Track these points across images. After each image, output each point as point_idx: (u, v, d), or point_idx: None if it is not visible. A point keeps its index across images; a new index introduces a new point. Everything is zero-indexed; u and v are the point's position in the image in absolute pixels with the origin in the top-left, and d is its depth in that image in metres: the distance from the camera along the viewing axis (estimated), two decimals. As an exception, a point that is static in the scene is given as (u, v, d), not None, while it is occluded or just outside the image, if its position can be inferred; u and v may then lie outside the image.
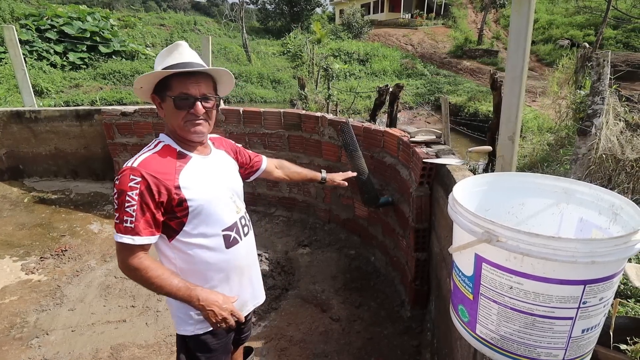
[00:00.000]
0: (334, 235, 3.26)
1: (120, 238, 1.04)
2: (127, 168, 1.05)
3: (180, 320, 1.21)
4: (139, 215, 1.04)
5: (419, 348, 2.09)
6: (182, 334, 1.22)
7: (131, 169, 1.05)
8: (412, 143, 2.25)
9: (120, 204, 1.03)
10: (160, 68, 1.10)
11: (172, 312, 1.23)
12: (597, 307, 0.73)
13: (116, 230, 1.04)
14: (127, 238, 1.03)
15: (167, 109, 1.12)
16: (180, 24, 22.10)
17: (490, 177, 1.06)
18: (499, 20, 23.28)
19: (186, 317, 1.19)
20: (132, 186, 1.03)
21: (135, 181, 1.04)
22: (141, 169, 1.05)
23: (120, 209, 1.03)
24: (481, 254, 0.79)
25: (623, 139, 3.56)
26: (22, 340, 2.15)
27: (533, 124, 7.06)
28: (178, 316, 1.21)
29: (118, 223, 1.04)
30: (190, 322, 1.20)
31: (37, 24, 14.38)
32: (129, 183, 1.03)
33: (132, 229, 1.03)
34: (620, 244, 0.67)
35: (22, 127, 3.96)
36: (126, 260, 1.05)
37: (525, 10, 1.61)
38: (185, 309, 1.18)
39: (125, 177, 1.04)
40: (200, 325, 1.20)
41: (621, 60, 13.66)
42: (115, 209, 1.05)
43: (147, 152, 1.11)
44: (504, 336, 0.79)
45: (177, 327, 1.23)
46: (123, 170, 1.05)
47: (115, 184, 1.05)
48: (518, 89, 1.69)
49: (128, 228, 1.03)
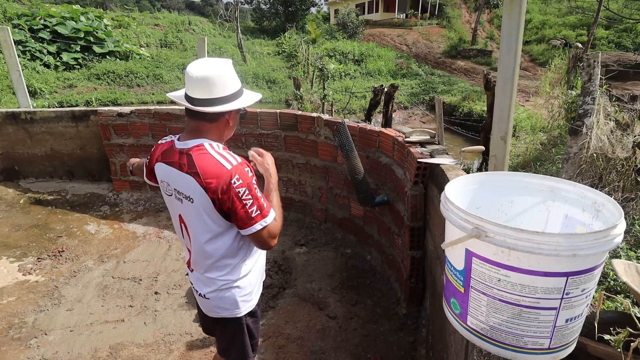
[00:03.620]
0: (330, 234, 3.30)
1: (269, 218, 1.16)
2: (239, 165, 1.13)
3: (243, 302, 1.29)
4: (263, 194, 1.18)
5: (415, 344, 2.13)
6: (244, 313, 1.31)
7: (242, 164, 1.14)
8: (407, 143, 2.29)
9: (254, 196, 1.12)
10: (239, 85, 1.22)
11: (232, 300, 1.28)
12: (579, 297, 0.77)
13: (262, 217, 1.14)
14: (270, 216, 1.16)
15: (234, 118, 1.24)
16: (175, 23, 21.98)
17: (481, 176, 1.10)
18: (493, 20, 23.48)
19: (248, 295, 1.30)
20: (252, 175, 1.15)
21: (250, 172, 1.15)
22: (245, 162, 1.16)
23: (256, 198, 1.13)
24: (471, 249, 0.83)
25: (613, 138, 3.63)
26: (21, 341, 2.15)
27: (526, 123, 7.15)
28: (240, 300, 1.28)
29: (261, 210, 1.13)
30: (250, 299, 1.32)
31: (30, 24, 14.23)
32: (249, 174, 1.14)
33: (268, 206, 1.17)
34: (600, 238, 0.71)
35: (18, 128, 3.94)
36: (276, 233, 1.19)
37: (516, 13, 1.66)
38: (246, 289, 1.29)
39: (244, 172, 1.12)
40: (256, 297, 1.35)
41: (613, 60, 13.85)
42: (250, 204, 1.12)
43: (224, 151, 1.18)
44: (493, 326, 0.83)
45: (240, 311, 1.30)
46: (237, 170, 1.11)
47: (239, 184, 1.10)
48: (510, 89, 1.74)
49: (268, 208, 1.17)
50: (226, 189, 1.09)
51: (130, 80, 14.66)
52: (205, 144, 1.15)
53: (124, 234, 3.35)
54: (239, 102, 1.19)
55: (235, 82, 1.19)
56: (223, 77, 1.15)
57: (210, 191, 1.10)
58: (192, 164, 1.12)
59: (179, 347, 2.13)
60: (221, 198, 1.10)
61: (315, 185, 3.37)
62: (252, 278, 1.32)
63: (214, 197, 1.10)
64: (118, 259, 2.97)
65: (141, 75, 14.99)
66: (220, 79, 1.14)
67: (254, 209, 1.11)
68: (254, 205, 1.11)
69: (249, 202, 1.11)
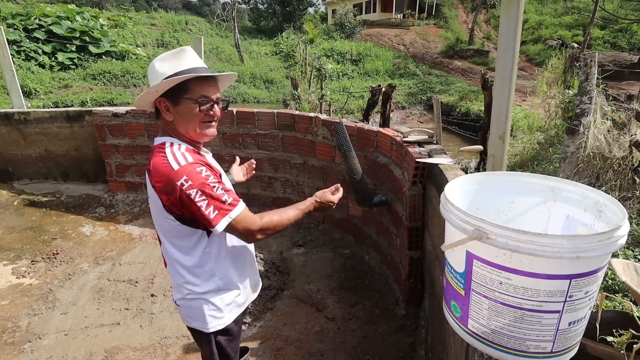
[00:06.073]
0: (329, 234, 3.28)
1: (234, 213, 1.05)
2: (186, 166, 1.04)
3: (211, 318, 1.22)
4: (226, 190, 1.07)
5: (414, 345, 2.12)
6: (213, 330, 1.23)
7: (191, 164, 1.05)
8: (405, 143, 2.27)
9: (209, 195, 1.02)
10: (172, 72, 1.08)
11: (200, 314, 1.21)
12: (582, 300, 0.76)
13: (223, 215, 1.04)
14: (238, 208, 1.07)
15: (181, 111, 1.10)
16: (172, 23, 21.89)
17: (480, 176, 1.09)
18: (490, 20, 23.56)
19: (218, 312, 1.22)
20: (206, 174, 1.05)
21: (204, 170, 1.06)
22: (198, 162, 1.07)
23: (212, 197, 1.03)
24: (472, 251, 0.81)
25: (610, 137, 3.64)
26: (15, 345, 2.12)
27: (523, 123, 7.17)
28: (209, 315, 1.21)
29: (221, 207, 1.04)
30: (220, 316, 1.22)
31: (25, 23, 14.11)
32: (202, 175, 1.04)
33: (234, 200, 1.07)
34: (603, 240, 0.70)
35: (11, 129, 3.90)
36: (253, 226, 1.09)
37: (514, 12, 1.65)
38: (218, 304, 1.21)
39: (194, 172, 1.03)
40: (229, 316, 1.25)
41: (609, 60, 13.93)
42: (206, 205, 1.02)
43: (179, 150, 1.09)
44: (495, 330, 0.81)
45: (208, 326, 1.22)
46: (184, 171, 1.03)
47: (189, 186, 1.01)
48: (508, 89, 1.73)
49: (232, 202, 1.06)
50: (172, 190, 1.03)
51: (127, 81, 14.56)
52: (167, 142, 1.11)
53: (120, 236, 3.32)
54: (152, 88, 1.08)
55: (160, 71, 1.08)
56: (151, 69, 1.12)
57: (157, 190, 1.07)
58: (149, 162, 1.10)
59: (175, 351, 2.10)
60: (169, 199, 1.05)
61: (313, 185, 3.35)
62: (227, 297, 1.23)
63: (161, 197, 1.07)
64: (114, 261, 2.94)
65: (138, 75, 14.89)
66: (150, 71, 1.12)
67: (210, 209, 1.03)
68: (210, 205, 1.03)
69: (204, 204, 1.02)
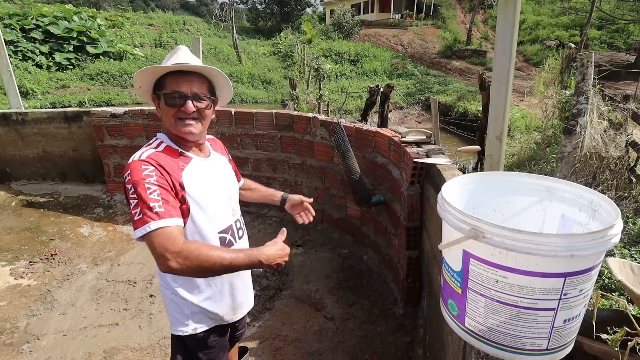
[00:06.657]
0: (327, 235, 3.29)
1: (156, 224, 0.92)
2: (136, 161, 1.02)
3: (176, 321, 1.18)
4: (164, 198, 0.97)
5: (412, 344, 2.13)
6: (179, 334, 1.19)
7: (140, 161, 1.01)
8: (403, 143, 2.29)
9: (139, 196, 0.95)
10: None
11: (169, 313, 1.21)
12: (577, 298, 0.77)
13: (143, 223, 0.93)
14: (163, 221, 0.93)
15: (161, 107, 1.11)
16: (169, 23, 21.88)
17: (477, 176, 1.10)
18: (487, 20, 23.65)
19: (183, 317, 1.18)
20: (148, 174, 0.99)
21: (149, 169, 1.00)
22: (150, 160, 1.02)
23: (142, 199, 0.95)
24: (469, 250, 0.82)
25: (607, 137, 3.66)
26: (13, 346, 2.12)
27: (521, 123, 7.21)
28: (174, 317, 1.18)
29: (146, 212, 0.93)
30: (187, 323, 1.18)
31: (22, 23, 14.07)
32: (143, 172, 0.99)
33: (165, 212, 0.95)
34: (597, 239, 0.71)
35: (9, 129, 3.89)
36: (171, 247, 0.91)
37: (510, 13, 1.66)
38: (182, 309, 1.17)
39: (137, 168, 0.99)
40: (198, 325, 1.19)
41: (606, 60, 14.02)
42: (134, 205, 0.96)
43: (150, 149, 1.08)
44: (491, 328, 0.82)
45: (174, 328, 1.20)
46: (131, 164, 1.01)
47: (128, 180, 0.99)
48: (505, 90, 1.74)
49: (160, 212, 0.94)
50: (123, 179, 1.02)
51: (124, 81, 14.53)
52: (154, 139, 1.15)
53: (118, 236, 3.31)
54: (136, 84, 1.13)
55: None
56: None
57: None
58: None
59: (174, 351, 2.10)
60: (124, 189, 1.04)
61: (312, 185, 3.36)
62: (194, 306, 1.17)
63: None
64: (112, 262, 2.94)
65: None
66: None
67: (137, 210, 0.95)
68: (138, 206, 0.95)
69: (133, 202, 0.96)
